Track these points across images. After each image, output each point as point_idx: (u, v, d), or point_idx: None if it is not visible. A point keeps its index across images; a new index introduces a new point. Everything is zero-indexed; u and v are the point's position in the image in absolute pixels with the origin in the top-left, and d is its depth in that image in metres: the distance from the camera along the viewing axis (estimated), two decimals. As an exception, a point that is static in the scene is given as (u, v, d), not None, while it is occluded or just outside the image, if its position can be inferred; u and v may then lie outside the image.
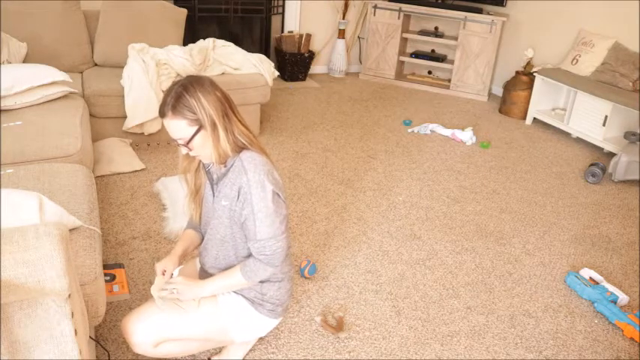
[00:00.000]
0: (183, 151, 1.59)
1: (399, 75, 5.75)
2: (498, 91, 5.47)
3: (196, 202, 1.76)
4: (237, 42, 4.47)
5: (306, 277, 2.42)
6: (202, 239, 1.85)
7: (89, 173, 2.28)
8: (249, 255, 1.68)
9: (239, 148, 1.60)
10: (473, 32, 5.18)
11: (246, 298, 1.74)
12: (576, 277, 2.52)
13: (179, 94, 1.51)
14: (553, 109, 4.72)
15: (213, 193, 1.69)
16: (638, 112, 3.83)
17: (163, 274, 1.68)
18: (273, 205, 1.58)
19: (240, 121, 1.61)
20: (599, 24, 4.52)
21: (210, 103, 1.53)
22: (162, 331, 1.63)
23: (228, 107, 1.58)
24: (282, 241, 1.61)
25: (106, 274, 2.25)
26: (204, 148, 1.57)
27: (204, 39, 3.89)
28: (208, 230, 1.73)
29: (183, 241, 1.81)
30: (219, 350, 1.96)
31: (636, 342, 2.23)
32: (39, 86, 2.82)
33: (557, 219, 3.16)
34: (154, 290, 1.64)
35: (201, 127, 1.53)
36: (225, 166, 1.62)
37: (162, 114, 1.53)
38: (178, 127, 1.52)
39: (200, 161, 1.71)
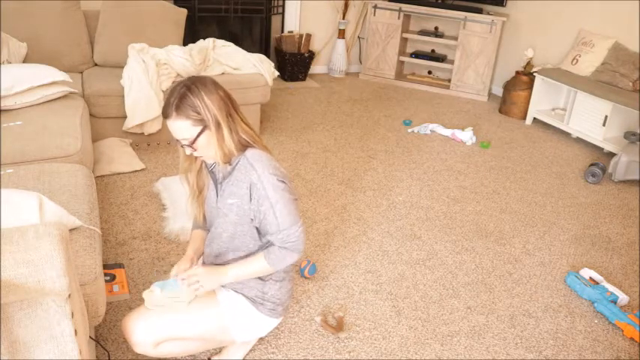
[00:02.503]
0: (187, 151, 1.59)
1: (399, 75, 5.75)
2: (498, 91, 5.47)
3: (199, 202, 1.77)
4: (237, 42, 4.48)
5: (306, 277, 2.42)
6: None
7: (89, 173, 2.28)
8: (257, 249, 1.69)
9: (243, 147, 1.61)
10: (473, 32, 5.18)
11: (247, 298, 1.74)
12: (576, 277, 2.52)
13: (182, 94, 1.51)
14: (553, 109, 4.72)
15: (217, 193, 1.69)
16: (638, 112, 3.83)
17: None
18: (287, 193, 1.61)
19: (242, 120, 1.62)
20: (599, 24, 4.52)
21: (214, 103, 1.53)
22: (163, 331, 1.63)
23: (231, 107, 1.59)
24: (302, 225, 1.65)
25: (106, 274, 2.25)
26: (208, 149, 1.57)
27: (204, 39, 3.89)
28: (212, 228, 1.74)
29: (193, 242, 1.83)
30: (219, 350, 1.96)
31: (636, 342, 2.23)
32: (39, 86, 2.82)
33: (557, 219, 3.16)
34: (145, 294, 1.64)
35: (205, 127, 1.53)
36: (230, 165, 1.63)
37: (165, 115, 1.54)
38: (182, 128, 1.53)
39: (202, 161, 1.71)
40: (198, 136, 1.54)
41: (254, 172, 1.58)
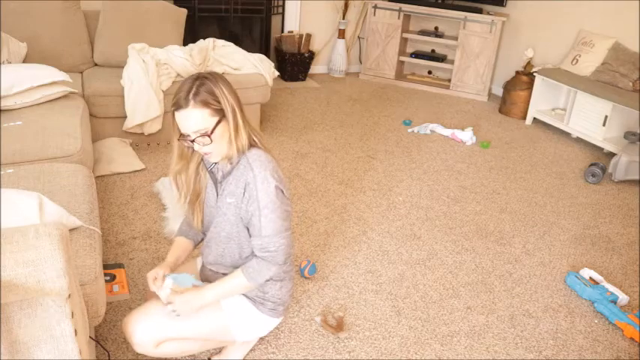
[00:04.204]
0: (197, 146, 1.55)
1: (399, 75, 5.74)
2: (498, 91, 5.46)
3: (198, 207, 1.74)
4: (237, 42, 4.48)
5: (306, 277, 2.42)
6: (194, 245, 1.85)
7: (89, 173, 2.28)
8: (253, 254, 1.68)
9: (249, 145, 1.60)
10: (473, 32, 5.18)
11: (247, 298, 1.74)
12: (576, 277, 2.52)
13: (201, 83, 1.50)
14: (553, 109, 4.72)
15: (217, 192, 1.68)
16: (638, 112, 3.83)
17: (155, 282, 1.66)
18: (279, 201, 1.59)
19: (247, 119, 1.62)
20: (599, 24, 4.52)
21: (230, 94, 1.53)
22: (164, 331, 1.63)
23: (241, 104, 1.59)
24: (286, 238, 1.62)
25: (106, 274, 2.25)
26: (221, 141, 1.54)
27: (204, 39, 3.89)
28: (212, 228, 1.73)
29: (174, 250, 1.79)
30: (219, 350, 1.96)
31: (636, 342, 2.23)
32: (39, 86, 2.82)
33: (557, 219, 3.16)
34: (160, 294, 1.63)
35: (222, 118, 1.52)
36: (230, 164, 1.62)
37: (180, 105, 1.49)
38: (200, 117, 1.49)
39: (200, 163, 1.70)
40: (215, 126, 1.51)
41: (250, 172, 1.57)
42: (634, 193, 3.60)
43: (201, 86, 1.49)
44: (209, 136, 1.51)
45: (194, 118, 1.49)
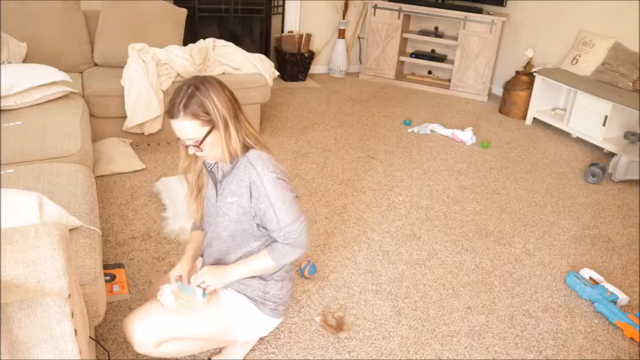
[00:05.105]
0: (191, 151, 1.58)
1: (399, 75, 5.74)
2: (498, 91, 5.46)
3: (198, 201, 1.77)
4: (237, 42, 4.48)
5: (306, 277, 2.42)
6: None
7: (89, 173, 2.28)
8: (257, 248, 1.69)
9: (246, 148, 1.61)
10: (473, 32, 5.18)
11: (248, 298, 1.74)
12: (576, 277, 2.52)
13: (191, 94, 1.50)
14: (553, 109, 4.72)
15: (217, 192, 1.69)
16: (638, 112, 3.83)
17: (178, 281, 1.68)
18: (286, 190, 1.61)
19: (246, 120, 1.62)
20: (599, 24, 4.52)
21: (222, 104, 1.52)
22: (164, 331, 1.63)
23: (237, 107, 1.59)
24: (303, 221, 1.65)
25: (106, 274, 2.25)
26: (213, 149, 1.57)
27: (204, 39, 3.89)
28: (212, 228, 1.73)
29: (192, 243, 1.83)
30: (219, 350, 1.96)
31: (636, 342, 2.23)
32: (39, 86, 2.82)
33: (557, 219, 3.16)
34: (161, 296, 1.62)
35: (213, 128, 1.53)
36: (230, 164, 1.63)
37: (172, 115, 1.51)
38: (190, 128, 1.51)
39: (203, 161, 1.71)
40: (205, 136, 1.53)
41: (253, 171, 1.58)
42: (634, 193, 3.60)
43: (192, 98, 1.49)
44: (198, 147, 1.54)
45: (184, 129, 1.52)
